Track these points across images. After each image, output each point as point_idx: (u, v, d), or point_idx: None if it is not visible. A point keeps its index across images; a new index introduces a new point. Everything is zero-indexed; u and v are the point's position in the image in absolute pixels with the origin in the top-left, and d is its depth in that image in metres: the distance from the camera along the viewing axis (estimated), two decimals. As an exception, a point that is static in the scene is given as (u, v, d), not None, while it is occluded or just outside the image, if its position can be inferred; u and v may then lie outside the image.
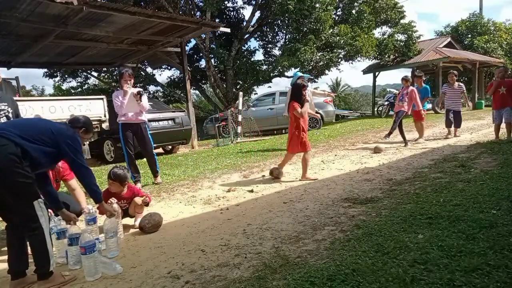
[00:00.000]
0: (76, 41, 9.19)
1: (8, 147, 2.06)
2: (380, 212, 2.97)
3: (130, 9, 7.63)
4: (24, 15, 7.00)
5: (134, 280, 2.23)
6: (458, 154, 5.27)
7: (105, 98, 7.84)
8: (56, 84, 22.61)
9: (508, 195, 2.92)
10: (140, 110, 4.98)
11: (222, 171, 5.79)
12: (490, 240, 2.12)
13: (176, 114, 9.14)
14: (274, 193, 4.19)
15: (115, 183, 3.25)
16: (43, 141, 2.24)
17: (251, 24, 17.74)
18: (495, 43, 19.54)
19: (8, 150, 2.05)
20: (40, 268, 2.18)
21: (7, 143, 2.07)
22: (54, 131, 2.31)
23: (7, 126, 2.22)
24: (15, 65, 11.05)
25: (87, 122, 2.77)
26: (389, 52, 17.25)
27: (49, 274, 2.20)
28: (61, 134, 2.34)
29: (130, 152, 5.04)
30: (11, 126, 2.23)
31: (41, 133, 2.26)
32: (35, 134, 2.23)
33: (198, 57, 19.48)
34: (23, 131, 2.19)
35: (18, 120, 2.36)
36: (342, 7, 17.08)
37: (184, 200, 4.23)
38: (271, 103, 12.55)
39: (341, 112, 18.96)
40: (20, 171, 2.08)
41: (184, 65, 10.52)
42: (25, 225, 2.15)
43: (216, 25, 10.27)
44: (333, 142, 8.21)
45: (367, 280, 1.81)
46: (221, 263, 2.34)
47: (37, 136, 2.23)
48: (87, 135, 2.79)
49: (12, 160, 2.05)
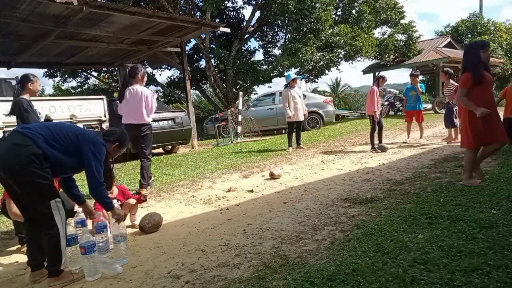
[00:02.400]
0: (76, 41, 9.19)
1: (31, 148, 2.10)
2: (380, 212, 2.97)
3: (130, 9, 7.63)
4: (24, 15, 6.99)
5: (134, 280, 2.24)
6: (458, 154, 5.27)
7: (105, 98, 7.84)
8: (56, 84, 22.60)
9: (508, 195, 2.92)
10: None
11: (222, 171, 5.79)
12: (490, 240, 2.12)
13: (176, 114, 9.14)
14: (274, 193, 4.19)
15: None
16: (67, 145, 2.26)
17: (251, 24, 17.75)
18: (495, 43, 19.53)
19: (31, 151, 2.10)
20: (52, 266, 2.24)
21: (31, 144, 2.11)
22: (79, 135, 2.33)
23: (34, 127, 2.25)
24: (15, 65, 11.04)
25: (122, 137, 2.73)
26: (389, 52, 17.27)
27: (60, 272, 2.26)
28: (86, 138, 2.34)
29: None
30: (39, 127, 2.26)
31: (65, 137, 2.28)
32: (59, 137, 2.25)
33: (198, 57, 19.49)
34: (49, 134, 2.22)
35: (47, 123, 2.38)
36: (342, 7, 17.10)
37: (184, 200, 4.23)
38: (271, 103, 12.54)
39: (341, 112, 18.94)
40: (40, 172, 2.12)
41: (184, 65, 10.51)
42: (41, 222, 2.21)
43: (216, 25, 10.27)
44: (333, 142, 8.22)
45: (367, 280, 1.81)
46: (221, 263, 2.34)
47: (62, 139, 2.25)
48: (119, 150, 2.74)
49: (33, 161, 2.09)
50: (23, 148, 2.10)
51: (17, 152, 2.10)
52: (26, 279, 2.39)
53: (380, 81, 6.89)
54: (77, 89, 21.01)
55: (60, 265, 2.25)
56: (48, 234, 2.19)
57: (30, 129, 2.20)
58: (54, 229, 2.19)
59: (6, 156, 2.11)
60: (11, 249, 3.06)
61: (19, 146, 2.11)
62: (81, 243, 2.32)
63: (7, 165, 2.13)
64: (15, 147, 2.11)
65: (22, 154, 2.09)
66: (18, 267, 2.66)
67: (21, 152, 2.09)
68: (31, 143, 2.12)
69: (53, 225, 2.18)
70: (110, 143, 2.59)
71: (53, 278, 2.24)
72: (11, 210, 2.76)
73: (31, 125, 2.31)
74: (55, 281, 2.23)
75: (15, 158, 2.09)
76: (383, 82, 7.03)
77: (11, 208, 2.77)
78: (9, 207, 2.77)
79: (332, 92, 34.55)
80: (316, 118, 11.83)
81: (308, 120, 11.53)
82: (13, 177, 2.15)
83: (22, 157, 2.08)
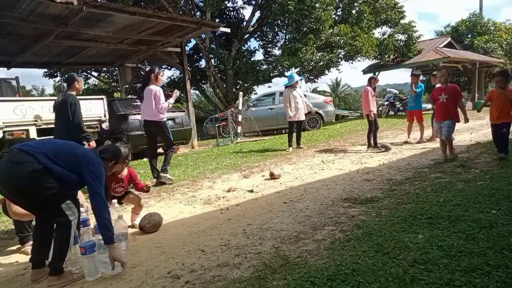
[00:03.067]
0: (76, 41, 9.20)
1: (31, 164, 2.10)
2: (380, 212, 2.97)
3: (130, 9, 7.63)
4: (24, 15, 7.00)
5: (134, 280, 2.24)
6: (458, 154, 5.27)
7: (105, 98, 7.84)
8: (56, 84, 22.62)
9: (508, 195, 2.92)
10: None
11: (222, 171, 5.79)
12: (490, 240, 2.12)
13: (176, 114, 9.14)
14: (274, 193, 4.19)
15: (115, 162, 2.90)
16: (66, 164, 2.23)
17: (251, 24, 17.75)
18: (495, 43, 19.53)
19: (31, 168, 2.09)
20: (55, 263, 2.25)
21: (31, 160, 2.11)
22: (79, 155, 2.31)
23: (34, 144, 2.27)
24: (15, 65, 11.05)
25: (116, 154, 2.75)
26: (389, 52, 17.27)
27: (61, 271, 2.27)
28: (86, 160, 2.30)
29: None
30: (38, 144, 2.28)
31: (66, 155, 2.27)
32: (59, 155, 2.24)
33: (198, 57, 19.48)
34: (49, 151, 2.21)
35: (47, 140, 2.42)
36: (342, 7, 17.09)
37: (184, 200, 4.23)
38: (271, 103, 12.54)
39: (341, 112, 18.93)
40: (44, 184, 2.12)
41: (184, 65, 10.52)
42: (55, 220, 2.24)
43: (216, 25, 10.27)
44: (333, 142, 8.22)
45: (367, 280, 1.81)
46: (221, 263, 2.34)
47: (62, 158, 2.23)
48: (115, 166, 2.76)
49: (34, 177, 2.09)
50: (22, 166, 2.09)
51: (17, 170, 2.10)
52: (26, 279, 2.39)
53: (372, 82, 7.04)
54: (77, 89, 20.97)
55: (62, 263, 2.26)
56: (61, 230, 2.23)
57: (30, 145, 2.20)
58: (68, 227, 2.23)
59: (6, 175, 2.13)
60: (11, 249, 3.06)
61: (18, 164, 2.11)
62: (81, 243, 2.32)
63: (9, 184, 2.16)
64: (14, 165, 2.11)
65: (21, 172, 2.09)
66: (18, 267, 2.66)
67: (21, 170, 2.09)
68: (31, 159, 2.11)
69: (68, 224, 2.23)
70: (106, 161, 2.62)
71: (54, 277, 2.24)
72: (11, 210, 2.77)
73: (31, 142, 2.31)
74: (55, 281, 2.24)
75: (15, 177, 2.10)
76: (375, 82, 7.19)
77: (11, 208, 2.77)
78: (10, 207, 2.77)
79: (332, 92, 34.55)
80: (316, 118, 11.83)
81: (308, 120, 11.54)
82: (19, 196, 2.20)
83: (22, 175, 2.08)
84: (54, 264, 2.25)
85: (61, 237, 2.24)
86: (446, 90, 4.95)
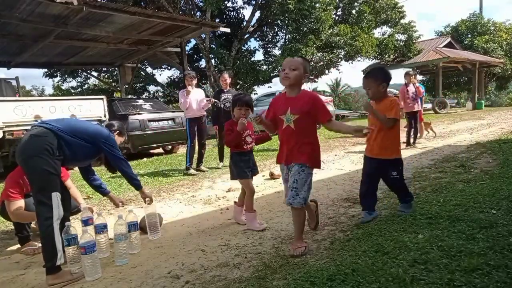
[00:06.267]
0: (76, 41, 9.20)
1: (48, 138, 2.34)
2: (380, 212, 2.97)
3: (130, 9, 7.64)
4: (24, 15, 7.00)
5: (134, 280, 2.23)
6: (458, 154, 5.27)
7: (105, 98, 7.84)
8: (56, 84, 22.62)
9: (508, 195, 2.91)
10: (201, 107, 5.83)
11: (222, 171, 5.78)
12: (490, 240, 2.12)
13: (176, 114, 9.13)
14: (274, 193, 4.19)
15: (245, 108, 2.96)
16: (82, 138, 2.52)
17: (251, 24, 17.74)
18: (495, 43, 19.55)
19: (47, 140, 2.33)
20: (47, 262, 2.25)
21: (48, 134, 2.35)
22: (91, 131, 2.63)
23: (53, 121, 2.53)
24: (15, 65, 11.06)
25: (120, 127, 3.18)
26: (389, 52, 17.27)
27: (57, 270, 2.26)
28: (98, 134, 2.65)
29: (193, 145, 5.93)
30: (57, 120, 2.53)
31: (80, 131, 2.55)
32: (75, 130, 2.51)
33: (198, 57, 19.49)
34: (65, 126, 2.47)
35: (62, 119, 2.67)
36: (342, 7, 17.09)
37: (184, 200, 4.23)
38: (271, 103, 12.52)
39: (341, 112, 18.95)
40: (49, 160, 2.30)
41: (184, 65, 10.53)
42: (38, 212, 2.29)
43: (216, 25, 10.27)
44: (333, 142, 8.22)
45: (367, 280, 1.81)
46: (221, 263, 2.34)
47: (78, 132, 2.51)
48: (120, 138, 3.11)
49: (46, 149, 2.29)
50: (40, 138, 2.32)
51: (34, 140, 2.32)
52: (26, 279, 2.39)
53: (406, 78, 6.94)
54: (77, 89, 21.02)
55: (55, 261, 2.24)
56: (44, 225, 2.25)
57: (48, 123, 2.45)
58: (49, 221, 2.24)
59: (24, 145, 2.33)
60: (11, 249, 3.06)
61: (37, 136, 2.34)
62: (81, 243, 2.32)
63: (22, 151, 2.32)
64: (33, 138, 2.34)
65: (38, 141, 2.31)
66: (18, 267, 2.66)
67: (38, 140, 2.31)
68: (49, 133, 2.35)
69: (50, 217, 2.25)
70: (113, 133, 2.95)
71: (52, 275, 2.23)
72: (10, 210, 2.76)
73: (50, 120, 2.55)
74: (55, 280, 2.23)
75: (30, 145, 2.31)
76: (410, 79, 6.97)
77: (10, 208, 2.76)
78: (9, 207, 2.77)
79: (332, 92, 34.52)
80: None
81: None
82: (24, 161, 2.32)
83: (37, 144, 2.29)
84: (47, 263, 2.24)
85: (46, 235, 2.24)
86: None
